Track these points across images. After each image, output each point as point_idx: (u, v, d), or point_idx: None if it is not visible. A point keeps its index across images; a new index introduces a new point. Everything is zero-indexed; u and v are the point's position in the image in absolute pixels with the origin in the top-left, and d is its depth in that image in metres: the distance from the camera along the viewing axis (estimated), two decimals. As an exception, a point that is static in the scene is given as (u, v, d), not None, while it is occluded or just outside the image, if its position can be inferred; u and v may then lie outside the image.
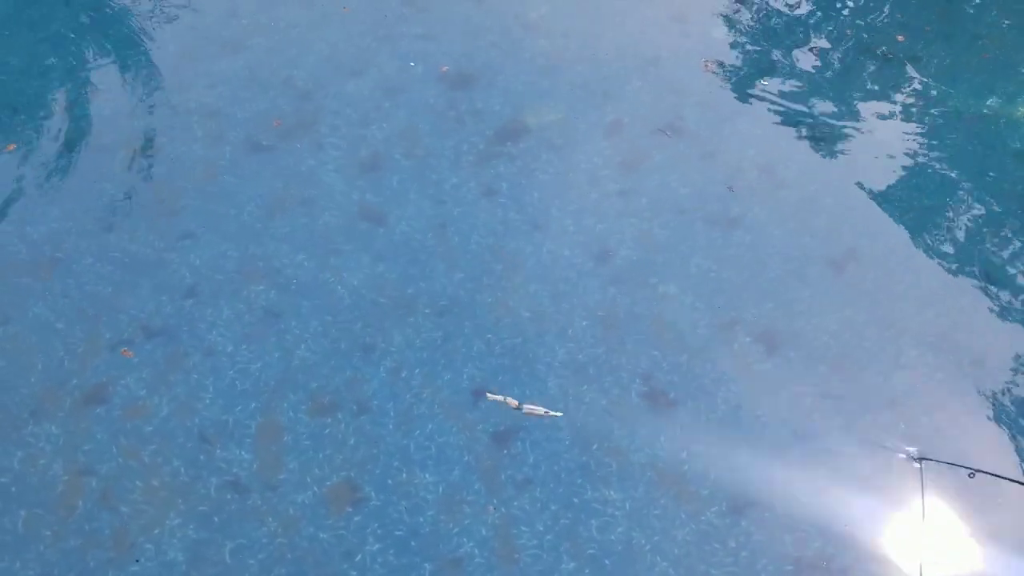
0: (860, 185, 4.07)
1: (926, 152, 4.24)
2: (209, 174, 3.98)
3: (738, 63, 4.65)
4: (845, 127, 4.34)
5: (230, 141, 4.12)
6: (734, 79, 4.55)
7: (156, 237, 3.74)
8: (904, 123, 4.36)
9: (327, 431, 3.20)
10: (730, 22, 4.86)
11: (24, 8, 4.74)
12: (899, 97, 4.48)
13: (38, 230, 3.75)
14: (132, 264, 3.65)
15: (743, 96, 4.46)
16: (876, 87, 4.54)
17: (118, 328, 3.44)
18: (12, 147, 4.02)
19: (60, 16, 4.72)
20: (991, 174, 4.12)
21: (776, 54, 4.69)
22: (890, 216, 3.95)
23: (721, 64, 4.59)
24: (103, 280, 3.59)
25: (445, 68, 4.46)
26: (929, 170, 4.16)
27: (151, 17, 4.75)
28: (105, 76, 4.43)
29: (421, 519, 3.01)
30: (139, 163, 4.02)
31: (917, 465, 3.17)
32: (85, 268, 3.62)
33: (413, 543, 2.96)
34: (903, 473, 3.16)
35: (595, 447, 3.19)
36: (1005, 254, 3.82)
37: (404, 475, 3.10)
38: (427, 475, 3.10)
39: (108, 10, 4.81)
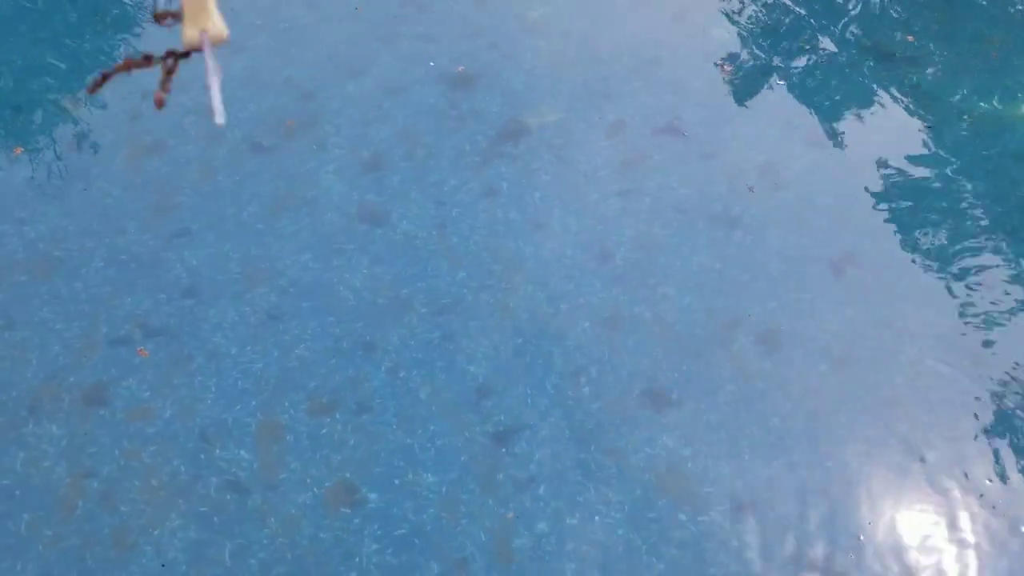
0: (860, 185, 4.07)
1: (927, 152, 4.23)
2: (209, 174, 3.99)
3: (739, 63, 4.64)
4: (846, 127, 4.34)
5: (231, 141, 4.12)
6: (734, 79, 4.54)
7: (155, 237, 3.75)
8: (905, 123, 4.36)
9: (327, 431, 3.21)
10: (731, 22, 4.86)
11: (25, 8, 4.74)
12: (900, 97, 4.47)
13: (37, 229, 3.75)
14: (133, 263, 3.65)
15: (744, 96, 4.46)
16: (877, 87, 4.53)
17: (121, 327, 3.44)
18: (19, 151, 4.03)
19: (61, 17, 4.73)
20: (992, 174, 4.12)
21: (777, 54, 4.69)
22: (890, 216, 3.95)
23: (736, 67, 4.58)
24: (104, 280, 3.59)
25: (461, 68, 4.45)
26: (930, 171, 4.15)
27: (151, 18, 4.75)
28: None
29: (423, 518, 3.01)
30: (140, 163, 4.03)
31: (917, 463, 3.18)
32: (85, 268, 3.63)
33: (416, 542, 2.96)
34: (904, 473, 3.16)
35: (595, 447, 3.19)
36: (1005, 255, 3.81)
37: (407, 475, 3.11)
38: (428, 475, 3.11)
39: (109, 10, 4.82)
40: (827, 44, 4.73)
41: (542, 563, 2.93)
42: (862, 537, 3.02)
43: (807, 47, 4.73)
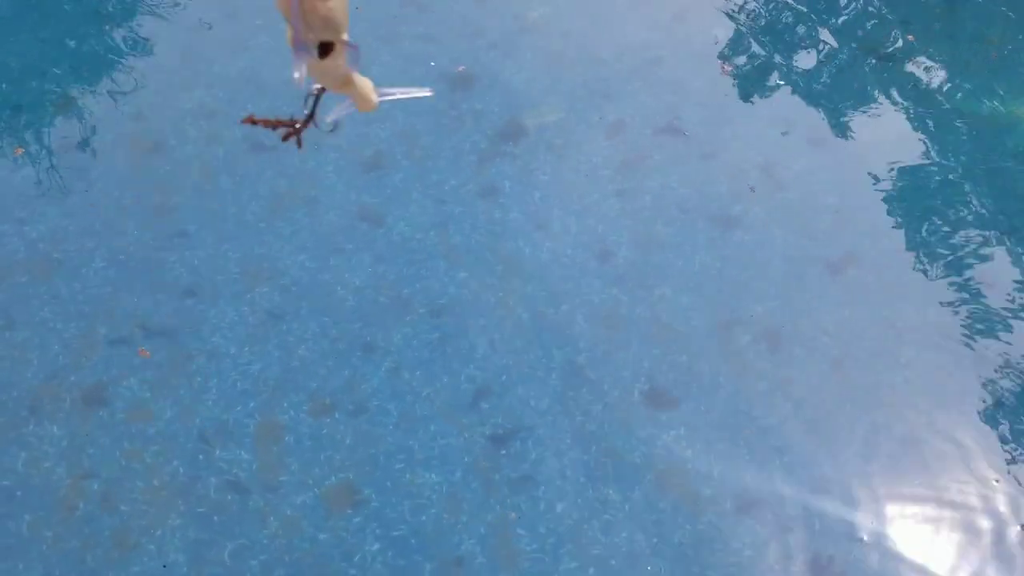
0: (860, 185, 4.07)
1: (927, 152, 4.24)
2: (210, 174, 3.99)
3: (740, 63, 4.64)
4: (846, 127, 4.34)
5: (231, 141, 4.12)
6: (735, 79, 4.54)
7: (155, 237, 3.74)
8: (905, 123, 4.36)
9: (327, 431, 3.20)
10: (731, 22, 4.86)
11: (25, 9, 4.74)
12: (900, 97, 4.47)
13: (38, 229, 3.75)
14: (133, 263, 3.65)
15: (744, 96, 4.46)
16: (877, 86, 4.53)
17: (121, 327, 3.44)
18: (20, 151, 4.02)
19: (61, 17, 4.72)
20: (992, 174, 4.12)
21: (777, 54, 4.69)
22: (890, 216, 3.95)
23: (736, 67, 4.58)
24: (104, 280, 3.59)
25: (461, 68, 4.45)
26: (930, 170, 4.15)
27: (152, 18, 4.75)
28: (106, 77, 4.43)
29: (423, 518, 3.01)
30: (140, 163, 4.02)
31: (918, 463, 3.18)
32: (86, 268, 3.62)
33: (413, 542, 2.96)
34: (905, 473, 3.16)
35: (596, 447, 3.19)
36: (1005, 255, 3.81)
37: (408, 475, 3.10)
38: (428, 476, 3.11)
39: (109, 11, 4.81)
40: (827, 43, 4.73)
41: (543, 563, 2.93)
42: (865, 537, 3.03)
43: (807, 47, 4.73)
